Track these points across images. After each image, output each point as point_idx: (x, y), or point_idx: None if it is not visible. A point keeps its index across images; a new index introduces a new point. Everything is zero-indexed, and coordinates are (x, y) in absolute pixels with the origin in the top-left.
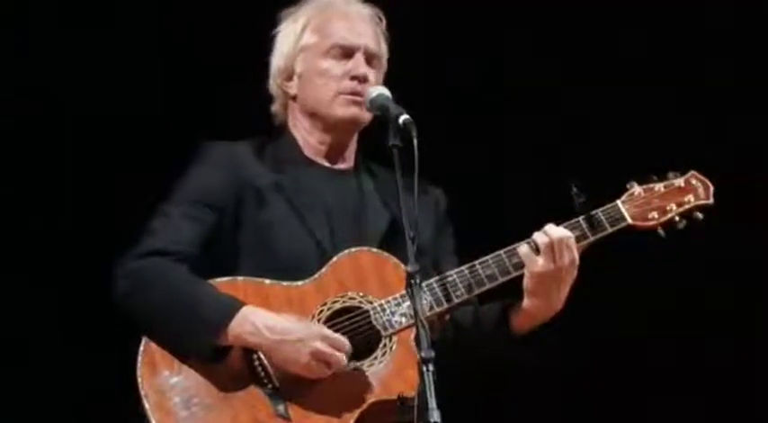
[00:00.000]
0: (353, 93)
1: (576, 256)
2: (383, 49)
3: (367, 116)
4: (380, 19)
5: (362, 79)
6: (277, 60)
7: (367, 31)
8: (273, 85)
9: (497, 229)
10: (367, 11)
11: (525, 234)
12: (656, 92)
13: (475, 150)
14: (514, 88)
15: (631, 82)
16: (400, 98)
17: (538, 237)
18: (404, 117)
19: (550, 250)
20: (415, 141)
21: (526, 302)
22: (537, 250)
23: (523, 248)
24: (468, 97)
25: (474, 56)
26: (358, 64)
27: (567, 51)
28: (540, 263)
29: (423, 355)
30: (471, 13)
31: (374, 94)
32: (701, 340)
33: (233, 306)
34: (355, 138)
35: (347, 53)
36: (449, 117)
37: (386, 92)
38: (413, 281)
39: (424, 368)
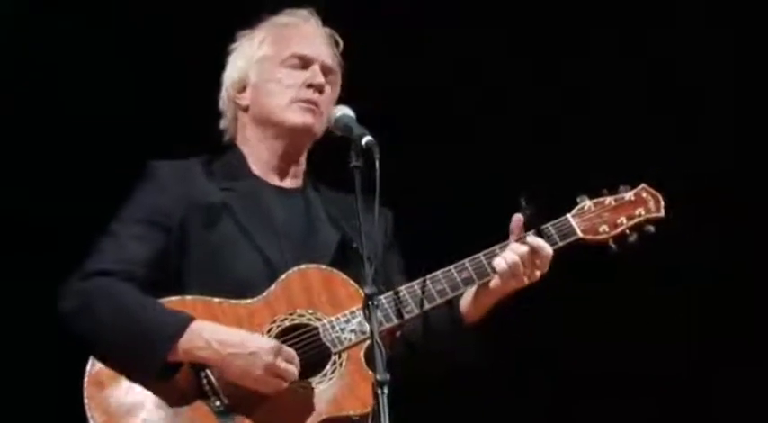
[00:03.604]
0: (309, 101)
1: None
2: (338, 69)
3: (320, 128)
4: (337, 42)
5: (319, 88)
6: (230, 74)
7: (324, 49)
8: (225, 98)
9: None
10: (324, 31)
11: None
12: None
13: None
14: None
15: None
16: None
17: (497, 264)
18: (367, 138)
19: (510, 274)
20: (377, 163)
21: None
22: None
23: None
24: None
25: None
26: (315, 74)
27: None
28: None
29: (378, 377)
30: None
31: (338, 115)
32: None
33: (182, 321)
34: (305, 155)
35: (304, 64)
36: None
37: (349, 112)
38: (370, 303)
39: (379, 390)
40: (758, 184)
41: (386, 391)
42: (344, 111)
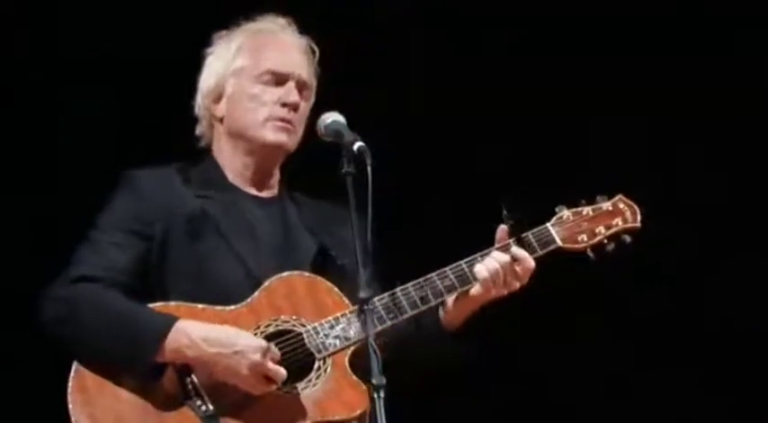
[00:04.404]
0: (283, 119)
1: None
2: (313, 81)
3: (294, 144)
4: (313, 51)
5: (294, 107)
6: (206, 80)
7: (301, 61)
8: (201, 104)
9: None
10: (301, 41)
11: None
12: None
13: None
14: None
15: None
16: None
17: (478, 272)
18: (358, 144)
19: (490, 281)
20: (369, 168)
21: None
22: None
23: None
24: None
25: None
26: (290, 91)
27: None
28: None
29: (374, 381)
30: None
31: (328, 121)
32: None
33: (168, 321)
34: (278, 167)
35: (280, 80)
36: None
37: (340, 118)
38: (365, 307)
39: (375, 395)
40: None
41: (382, 395)
42: (335, 117)
